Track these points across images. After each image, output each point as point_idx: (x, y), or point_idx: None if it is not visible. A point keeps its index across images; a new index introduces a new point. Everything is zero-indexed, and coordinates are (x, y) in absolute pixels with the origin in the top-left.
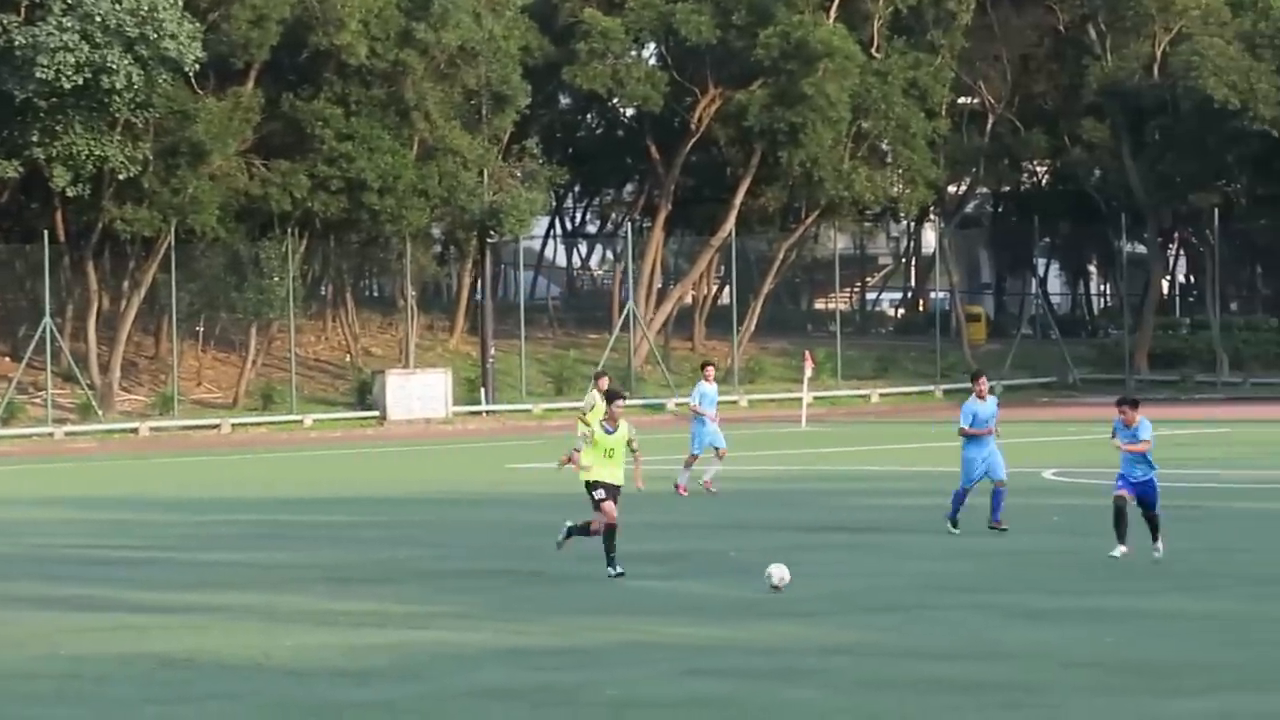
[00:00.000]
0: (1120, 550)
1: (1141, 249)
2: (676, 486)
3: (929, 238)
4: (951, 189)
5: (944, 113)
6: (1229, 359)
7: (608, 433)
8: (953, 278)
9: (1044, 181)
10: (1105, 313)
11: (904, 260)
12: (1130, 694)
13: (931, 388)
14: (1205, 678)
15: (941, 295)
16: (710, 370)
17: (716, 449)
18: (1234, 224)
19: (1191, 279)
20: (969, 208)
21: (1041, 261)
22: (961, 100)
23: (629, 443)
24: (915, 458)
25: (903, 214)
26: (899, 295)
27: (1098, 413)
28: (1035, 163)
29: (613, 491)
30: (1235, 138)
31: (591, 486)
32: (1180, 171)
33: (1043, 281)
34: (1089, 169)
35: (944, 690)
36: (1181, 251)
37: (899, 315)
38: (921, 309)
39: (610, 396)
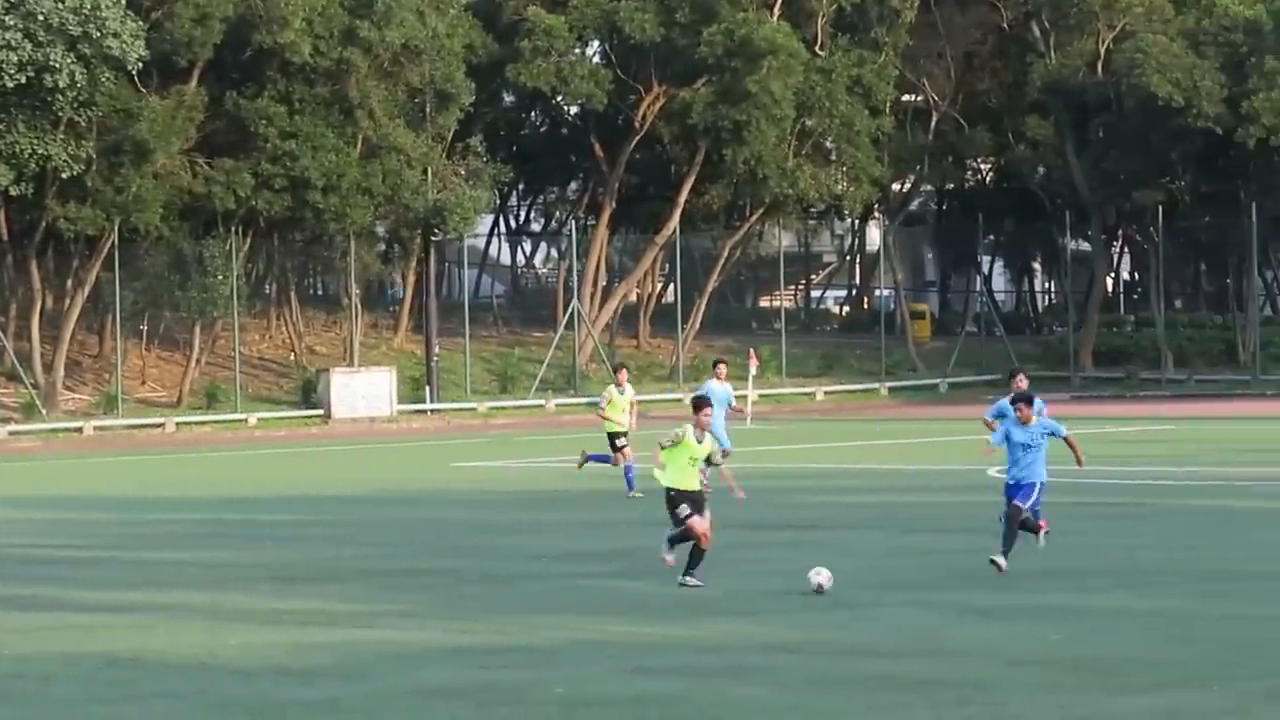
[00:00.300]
0: (1002, 562)
1: (1086, 246)
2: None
3: (873, 235)
4: (895, 186)
5: (888, 110)
6: (1173, 356)
7: (698, 441)
8: (897, 275)
9: (988, 179)
10: (1050, 310)
11: (848, 258)
12: (1077, 691)
13: (876, 385)
14: (1151, 675)
15: (886, 293)
16: (722, 368)
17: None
18: (1178, 221)
19: (1136, 276)
20: (913, 205)
21: (986, 259)
22: (905, 98)
23: (709, 456)
24: (860, 455)
25: (847, 212)
26: (843, 293)
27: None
28: (979, 160)
29: (697, 503)
30: (1179, 135)
31: (675, 499)
32: (1124, 169)
33: (987, 279)
34: (1033, 166)
35: (891, 688)
36: (1126, 249)
37: (843, 313)
38: (866, 306)
39: (698, 404)
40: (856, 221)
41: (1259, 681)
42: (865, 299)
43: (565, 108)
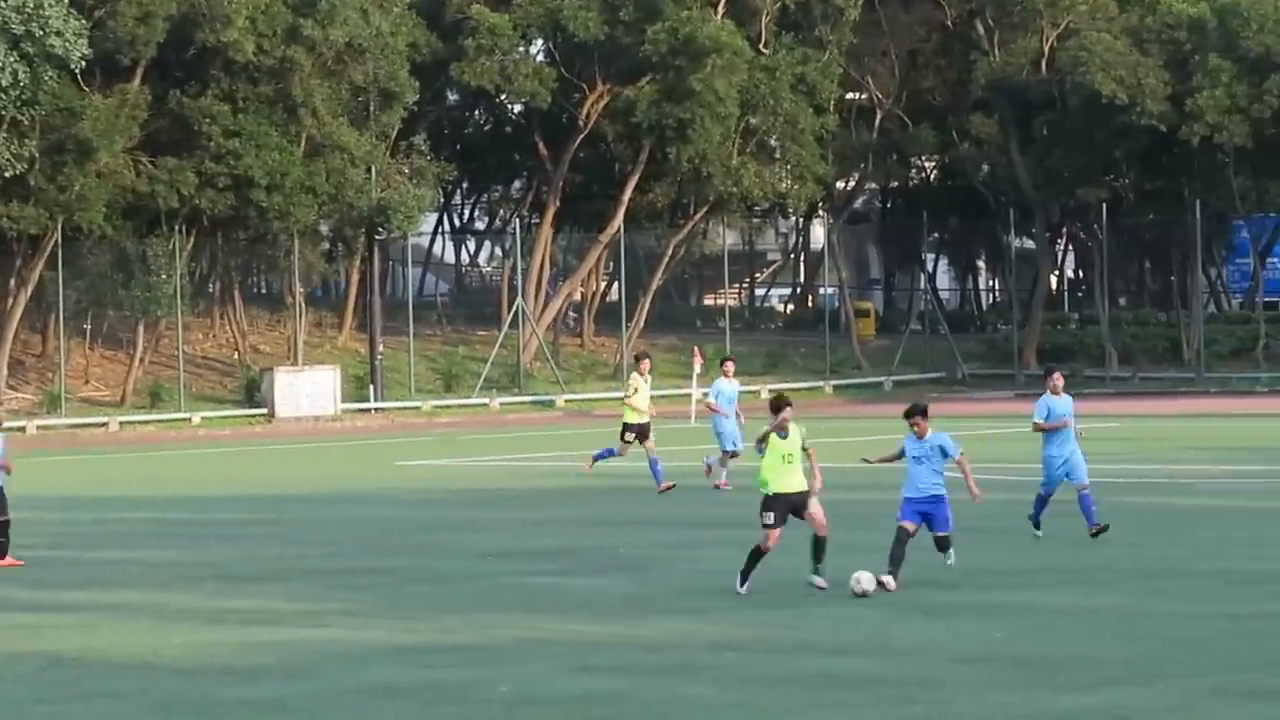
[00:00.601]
0: (891, 582)
1: (1030, 244)
2: (718, 486)
3: (818, 233)
4: (840, 185)
5: (832, 109)
6: (1117, 354)
7: (781, 437)
8: (841, 273)
9: (932, 177)
10: (994, 308)
11: (793, 256)
12: (1021, 688)
13: (821, 383)
14: (1095, 672)
15: (830, 291)
16: (729, 365)
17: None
18: (1122, 219)
19: (1080, 274)
20: (857, 203)
21: (930, 257)
22: (850, 96)
23: (804, 446)
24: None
25: (791, 210)
26: (788, 291)
27: (987, 408)
28: (923, 158)
29: (792, 502)
30: (1123, 133)
31: (768, 503)
32: (1068, 167)
33: (931, 277)
34: (977, 164)
35: (836, 685)
36: (1070, 247)
37: (788, 311)
38: (811, 305)
39: (777, 406)
40: (801, 220)
41: (1203, 679)
42: (810, 297)
43: (509, 106)
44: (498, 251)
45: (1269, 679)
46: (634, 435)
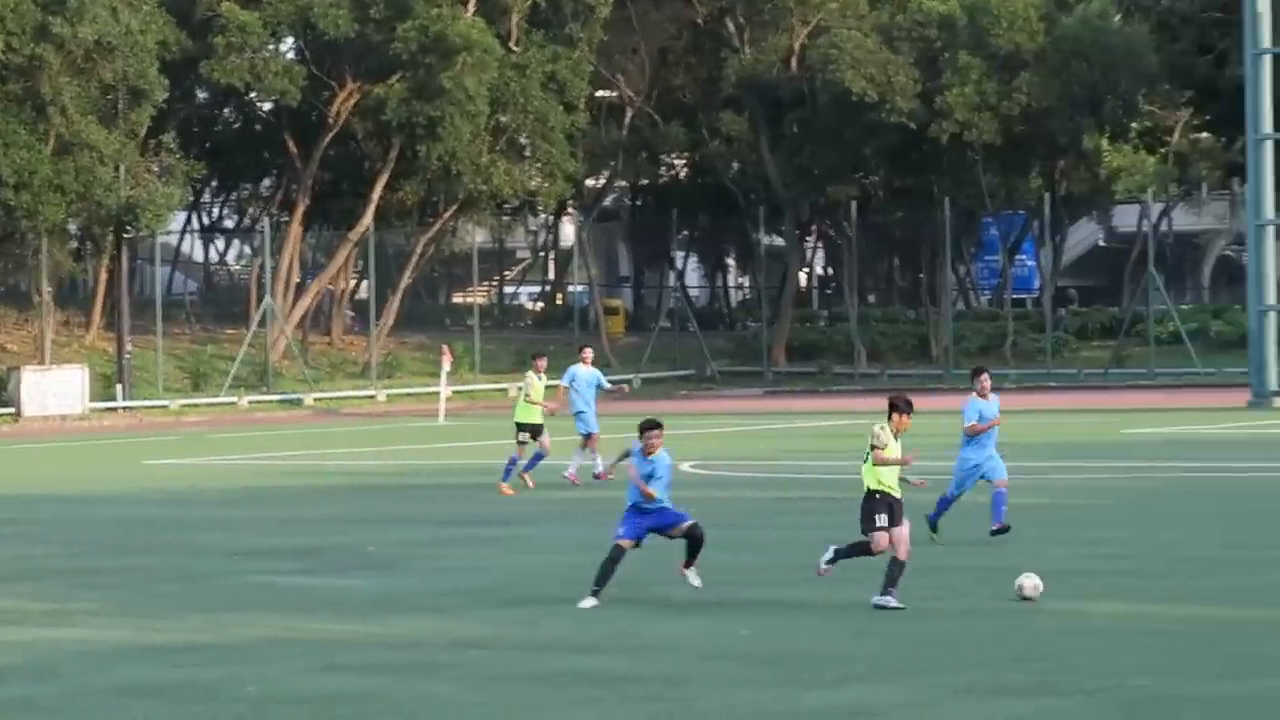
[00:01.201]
0: (590, 603)
1: (780, 242)
2: (597, 475)
3: (567, 231)
4: (590, 182)
5: (583, 106)
6: (866, 351)
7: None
8: (591, 271)
9: (682, 175)
10: (743, 305)
11: (542, 254)
12: (767, 686)
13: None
14: (842, 668)
15: (580, 289)
16: (588, 353)
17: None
18: (872, 216)
19: (830, 271)
20: (607, 201)
21: (680, 254)
22: (600, 94)
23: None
24: (553, 451)
25: (541, 208)
26: (538, 289)
27: (736, 405)
28: (674, 156)
29: (896, 511)
30: (873, 130)
31: (879, 502)
32: (818, 164)
33: (681, 274)
34: (727, 162)
35: (582, 683)
36: (820, 244)
37: (538, 309)
38: (560, 303)
39: (892, 407)
40: (550, 217)
41: (950, 675)
42: (559, 295)
43: (259, 104)
44: (247, 250)
45: (1013, 675)
46: (528, 434)
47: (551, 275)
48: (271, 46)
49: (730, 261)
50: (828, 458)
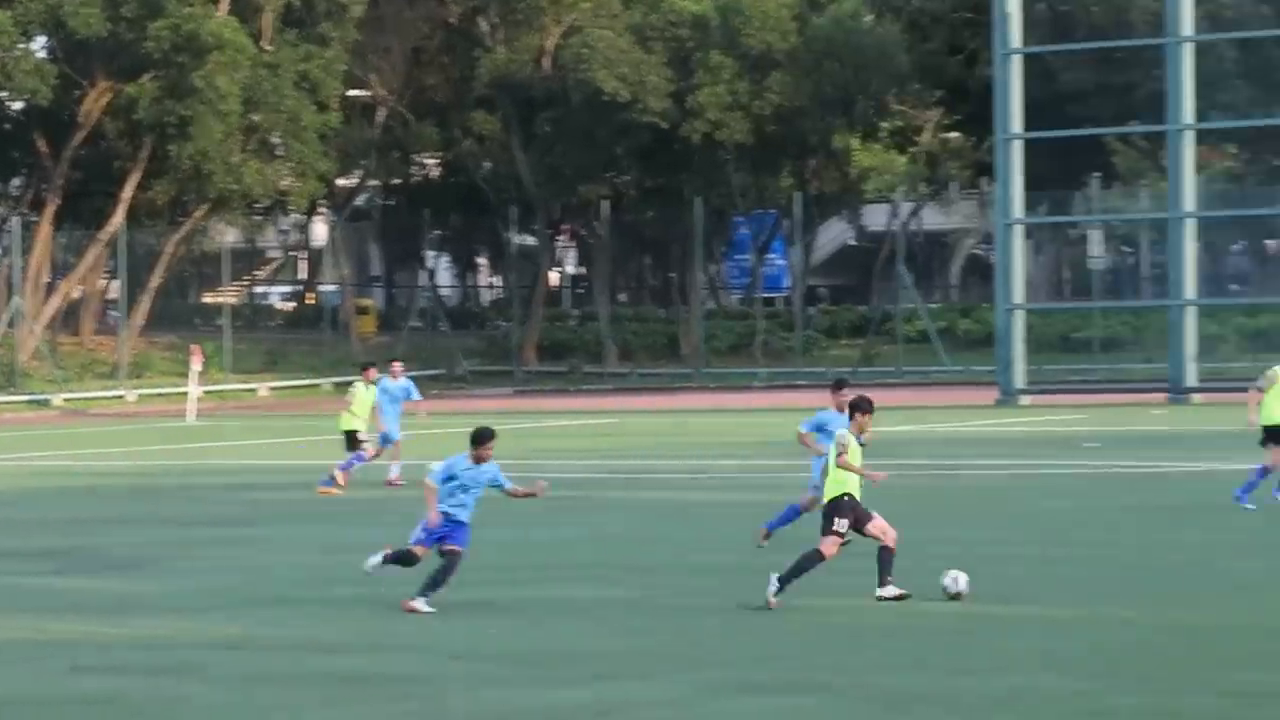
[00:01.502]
0: (424, 604)
1: (532, 241)
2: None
3: (319, 231)
4: (342, 182)
5: (335, 105)
6: (618, 350)
7: (861, 444)
8: (343, 271)
9: (435, 174)
10: (495, 305)
11: (294, 254)
12: (517, 684)
13: (320, 381)
14: (590, 666)
15: (332, 288)
16: (397, 365)
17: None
18: (623, 216)
19: (582, 270)
20: (360, 201)
21: (432, 254)
22: (353, 93)
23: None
24: (302, 451)
25: (293, 207)
26: (289, 289)
27: (486, 404)
28: (426, 155)
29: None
30: (625, 130)
31: (846, 505)
32: (570, 164)
33: (432, 274)
34: (480, 161)
35: (332, 683)
36: (572, 243)
37: (289, 309)
38: (311, 302)
39: (854, 409)
40: (303, 217)
41: (696, 673)
42: (311, 295)
43: (9, 104)
44: None
45: (757, 674)
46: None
47: (303, 275)
48: (22, 45)
49: (482, 261)
50: (578, 456)
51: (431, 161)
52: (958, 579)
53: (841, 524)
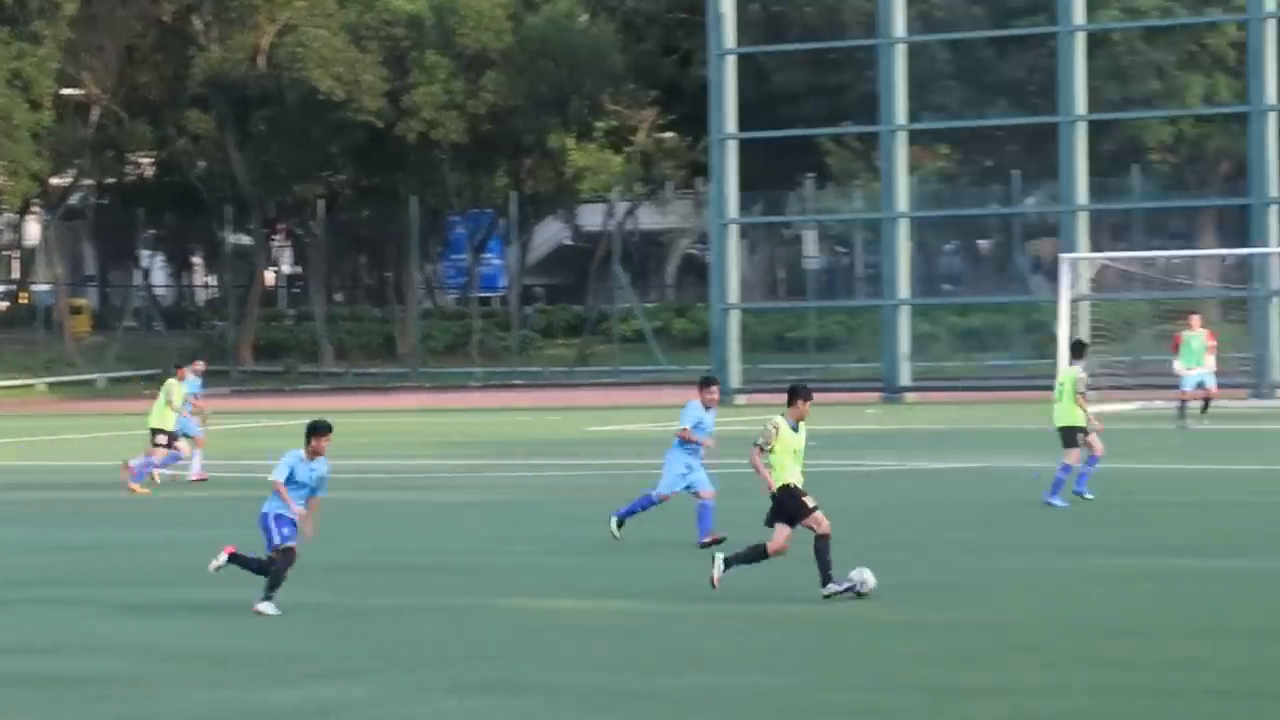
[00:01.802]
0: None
1: (247, 240)
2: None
3: (32, 230)
4: (56, 181)
5: (48, 104)
6: (334, 349)
7: (794, 430)
8: (56, 270)
9: (150, 173)
10: (210, 304)
11: (7, 253)
12: (230, 686)
13: (34, 381)
14: (305, 667)
15: (45, 288)
16: (199, 364)
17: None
18: (339, 215)
19: (298, 270)
20: (73, 199)
21: (146, 253)
22: (66, 91)
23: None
24: (15, 452)
25: (5, 206)
26: (2, 288)
27: (202, 404)
28: (141, 154)
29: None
30: (340, 129)
31: (789, 494)
32: (285, 163)
33: (147, 273)
34: (194, 160)
35: (41, 684)
36: (288, 242)
37: (2, 309)
38: (24, 302)
39: (795, 394)
40: (15, 216)
41: (410, 673)
42: (24, 294)
43: None
44: None
45: (469, 673)
46: (166, 439)
47: (16, 274)
48: None
49: (197, 260)
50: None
51: (146, 160)
52: (865, 581)
53: (810, 500)
